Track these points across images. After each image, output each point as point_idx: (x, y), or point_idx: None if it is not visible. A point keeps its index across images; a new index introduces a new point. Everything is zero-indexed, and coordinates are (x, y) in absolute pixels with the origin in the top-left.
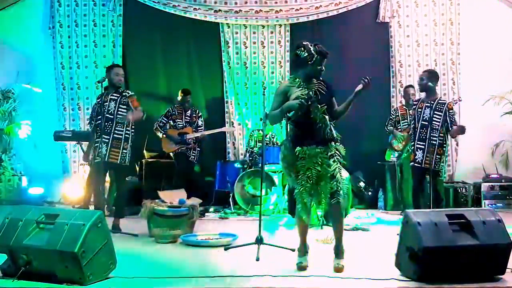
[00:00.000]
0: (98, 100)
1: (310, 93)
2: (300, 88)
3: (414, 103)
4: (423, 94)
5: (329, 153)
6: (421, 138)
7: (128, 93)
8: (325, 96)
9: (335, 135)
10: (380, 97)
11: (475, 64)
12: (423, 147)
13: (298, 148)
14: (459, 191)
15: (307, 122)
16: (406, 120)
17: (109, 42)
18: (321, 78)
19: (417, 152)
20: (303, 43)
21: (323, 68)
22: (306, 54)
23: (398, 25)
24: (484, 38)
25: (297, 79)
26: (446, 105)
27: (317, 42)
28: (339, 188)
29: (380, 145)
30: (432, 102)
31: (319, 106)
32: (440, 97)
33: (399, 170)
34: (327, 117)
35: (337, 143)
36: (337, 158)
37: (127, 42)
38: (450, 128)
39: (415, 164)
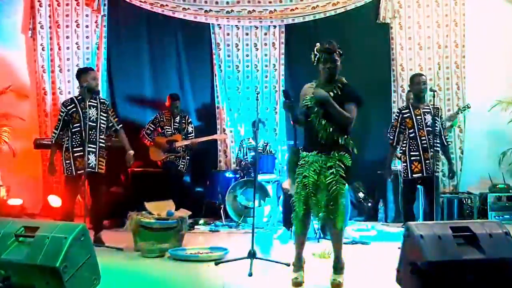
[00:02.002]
0: (71, 106)
1: (318, 94)
2: (312, 90)
3: (404, 111)
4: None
5: (328, 164)
6: (430, 145)
7: (105, 100)
8: (333, 99)
9: (340, 143)
10: (380, 102)
11: (481, 68)
12: (431, 154)
13: (301, 154)
14: (464, 202)
15: (308, 127)
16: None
17: (92, 44)
18: (342, 80)
19: (431, 161)
20: (316, 44)
21: (331, 65)
22: (312, 56)
23: (399, 27)
24: (491, 40)
25: (318, 80)
26: (439, 110)
27: (322, 42)
28: (333, 202)
29: (381, 153)
30: (428, 107)
31: (315, 110)
32: (434, 102)
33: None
34: (324, 122)
35: (342, 152)
36: (336, 169)
37: (112, 44)
38: (444, 138)
39: (427, 175)
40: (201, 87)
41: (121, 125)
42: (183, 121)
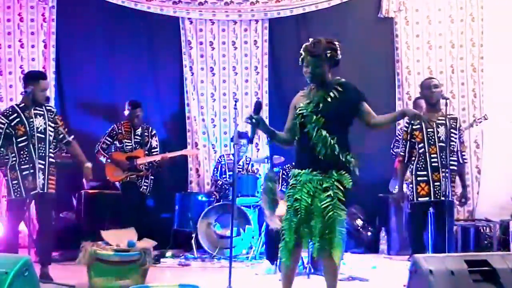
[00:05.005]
0: (14, 116)
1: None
2: (305, 99)
3: (415, 122)
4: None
5: (324, 184)
6: (444, 165)
7: (52, 107)
8: (331, 105)
9: (341, 160)
10: (383, 112)
11: (502, 71)
12: (446, 174)
13: (292, 172)
14: (482, 231)
15: (302, 140)
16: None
17: (39, 42)
18: (339, 80)
19: (443, 183)
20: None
21: (311, 70)
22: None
23: (405, 22)
24: None
25: (309, 86)
26: (458, 121)
27: (307, 40)
28: (329, 230)
29: (382, 172)
30: (443, 118)
31: (315, 118)
32: (446, 111)
33: (407, 205)
34: (324, 133)
35: (341, 172)
36: (334, 192)
37: (62, 41)
38: (460, 155)
39: (442, 199)
40: (168, 92)
41: (72, 136)
42: (146, 133)
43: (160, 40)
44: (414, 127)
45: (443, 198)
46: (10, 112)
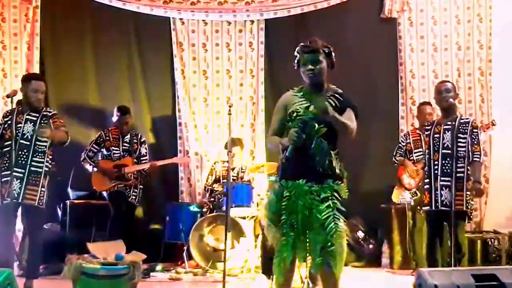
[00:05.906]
0: (7, 119)
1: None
2: (301, 101)
3: (427, 127)
4: (434, 114)
5: (323, 195)
6: (445, 173)
7: (50, 111)
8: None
9: (337, 171)
10: (385, 118)
11: (511, 75)
12: (449, 183)
13: (285, 183)
14: (490, 243)
15: (299, 148)
16: (420, 149)
17: (22, 43)
18: (335, 88)
19: (442, 192)
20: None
21: (312, 67)
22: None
23: (409, 23)
24: None
25: (304, 88)
26: (470, 124)
27: (304, 41)
28: (331, 243)
29: (385, 182)
30: (451, 123)
31: (316, 126)
32: (461, 116)
33: (411, 216)
34: (324, 144)
35: (338, 182)
36: (333, 202)
37: (47, 43)
38: (471, 154)
39: (442, 208)
40: (159, 97)
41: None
42: (135, 140)
43: (150, 42)
44: (425, 133)
45: (445, 208)
46: (8, 114)
